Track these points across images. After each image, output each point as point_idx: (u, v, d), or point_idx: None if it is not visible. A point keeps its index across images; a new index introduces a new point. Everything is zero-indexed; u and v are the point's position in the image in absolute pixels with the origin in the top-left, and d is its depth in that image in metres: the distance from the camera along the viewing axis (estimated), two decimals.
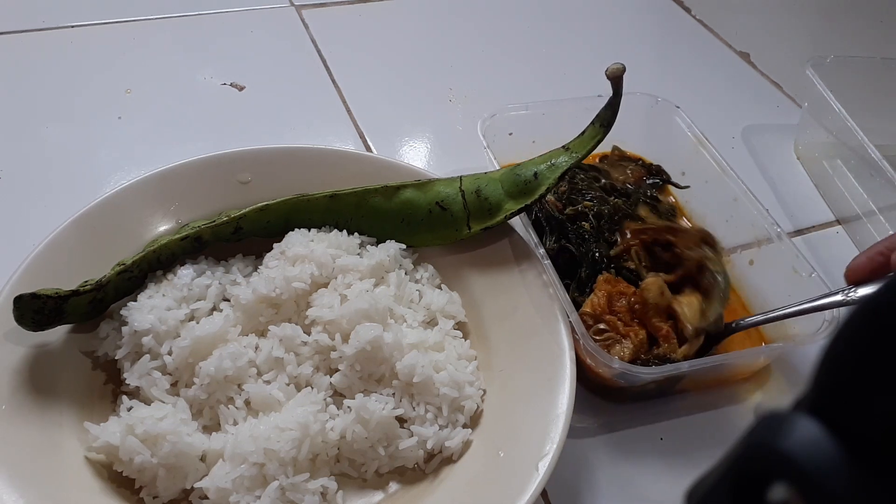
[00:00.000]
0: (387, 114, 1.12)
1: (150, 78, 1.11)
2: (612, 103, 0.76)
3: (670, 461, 0.74)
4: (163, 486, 0.62)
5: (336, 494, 0.65)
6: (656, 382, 0.76)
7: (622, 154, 0.99)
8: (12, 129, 1.00)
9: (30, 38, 1.13)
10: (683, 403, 0.79)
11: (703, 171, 0.92)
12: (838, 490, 0.28)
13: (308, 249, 0.74)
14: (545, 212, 0.83)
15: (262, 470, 0.62)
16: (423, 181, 0.81)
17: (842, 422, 0.29)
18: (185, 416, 0.65)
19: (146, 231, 0.76)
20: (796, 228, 1.02)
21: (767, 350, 0.80)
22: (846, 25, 1.28)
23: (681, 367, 0.71)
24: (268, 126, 1.07)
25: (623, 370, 0.69)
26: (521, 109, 0.94)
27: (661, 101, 0.97)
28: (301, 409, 0.65)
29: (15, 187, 0.92)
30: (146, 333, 0.67)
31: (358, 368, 0.69)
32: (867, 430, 0.28)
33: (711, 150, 0.92)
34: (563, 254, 0.81)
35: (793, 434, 0.29)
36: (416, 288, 0.78)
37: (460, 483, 0.66)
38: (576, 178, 0.89)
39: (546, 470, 0.62)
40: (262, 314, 0.71)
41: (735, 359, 0.76)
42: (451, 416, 0.69)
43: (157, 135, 1.02)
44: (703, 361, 0.73)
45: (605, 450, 0.74)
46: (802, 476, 0.28)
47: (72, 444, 0.63)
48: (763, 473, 0.30)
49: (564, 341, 0.70)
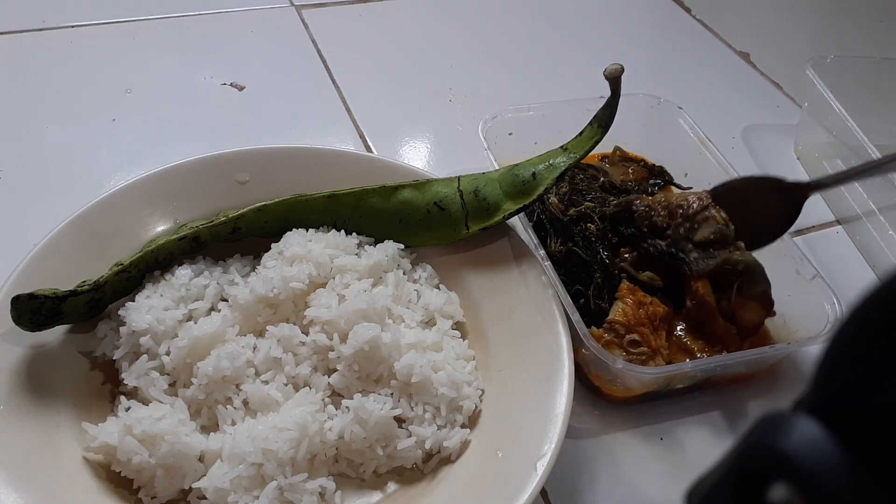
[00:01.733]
0: (387, 114, 1.12)
1: (150, 78, 1.11)
2: (610, 104, 0.76)
3: (671, 462, 0.74)
4: (161, 486, 0.62)
5: (334, 494, 0.65)
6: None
7: (624, 154, 0.99)
8: (12, 129, 1.00)
9: (30, 38, 1.14)
10: (683, 405, 0.78)
11: (706, 172, 0.91)
12: (838, 490, 0.28)
13: (306, 249, 0.74)
14: (548, 214, 0.83)
15: (261, 470, 0.62)
16: (421, 181, 0.81)
17: (842, 422, 0.29)
18: (183, 417, 0.65)
19: (144, 231, 0.76)
20: (796, 228, 1.01)
21: (773, 350, 0.79)
22: (846, 25, 1.28)
23: (683, 367, 0.71)
24: (268, 126, 1.07)
25: (626, 370, 0.69)
26: (522, 111, 0.94)
27: (664, 101, 0.97)
28: (299, 410, 0.65)
29: (15, 187, 0.92)
30: (144, 333, 0.67)
31: (356, 368, 0.69)
32: (867, 430, 0.28)
33: (714, 150, 0.91)
34: (570, 257, 0.80)
35: (793, 434, 0.29)
36: (415, 288, 0.78)
37: (458, 483, 0.66)
38: (576, 178, 0.89)
39: (544, 470, 0.62)
40: (260, 314, 0.71)
41: (740, 358, 0.75)
42: (450, 416, 0.69)
43: (157, 135, 1.02)
44: (706, 361, 0.73)
45: (606, 450, 0.74)
46: (802, 476, 0.28)
47: (70, 445, 0.63)
48: (763, 473, 0.30)
49: (563, 341, 0.70)
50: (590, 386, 0.77)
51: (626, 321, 0.74)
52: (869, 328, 0.29)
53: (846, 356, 0.30)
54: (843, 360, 0.30)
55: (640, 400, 0.77)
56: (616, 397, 0.76)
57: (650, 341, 0.74)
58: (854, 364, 0.30)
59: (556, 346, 0.70)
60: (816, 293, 0.77)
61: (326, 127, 1.09)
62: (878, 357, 0.29)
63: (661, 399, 0.78)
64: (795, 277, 0.80)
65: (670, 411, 0.78)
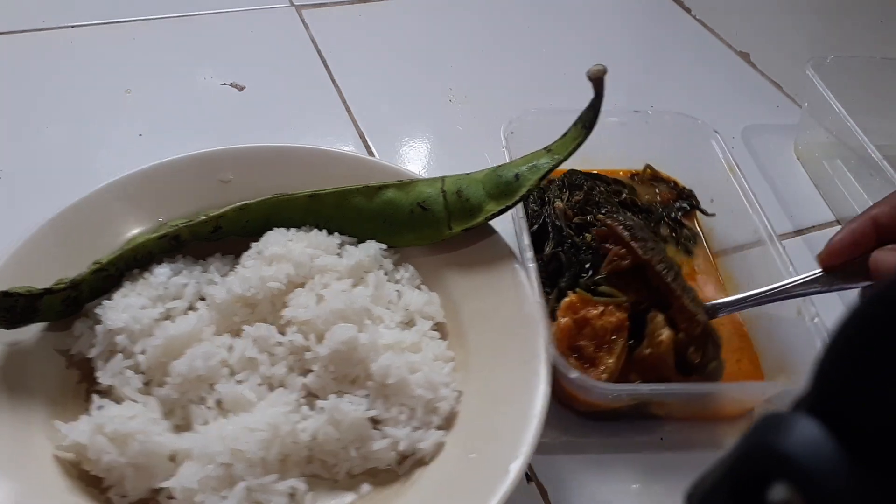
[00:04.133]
0: (387, 114, 1.12)
1: (150, 78, 1.12)
2: (593, 104, 0.75)
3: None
4: (131, 485, 0.62)
5: (305, 495, 0.65)
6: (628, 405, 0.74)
7: (655, 173, 0.97)
8: (12, 129, 1.01)
9: (30, 38, 1.14)
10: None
11: (731, 200, 0.88)
12: (838, 490, 0.28)
13: (285, 249, 0.74)
14: (552, 218, 0.82)
15: (230, 470, 0.61)
16: (405, 181, 0.80)
17: (842, 422, 0.29)
18: (155, 416, 0.65)
19: (126, 230, 0.77)
20: (796, 228, 1.01)
21: (750, 388, 0.75)
22: (846, 25, 1.27)
23: (640, 389, 0.69)
24: (268, 126, 1.07)
25: (580, 383, 0.67)
26: (543, 114, 0.89)
27: (700, 123, 0.94)
28: (272, 410, 0.65)
29: (15, 187, 0.93)
30: (119, 332, 0.67)
31: (332, 369, 0.68)
32: (867, 430, 0.28)
33: (742, 180, 0.88)
34: (554, 261, 0.80)
35: (793, 434, 0.29)
36: (396, 288, 0.77)
37: (431, 485, 0.65)
38: (595, 188, 0.87)
39: (517, 472, 0.61)
40: (237, 314, 0.71)
41: (711, 390, 0.72)
42: (425, 417, 0.69)
43: (157, 135, 1.03)
44: (669, 387, 0.70)
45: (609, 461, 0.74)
46: (802, 476, 0.28)
47: (42, 443, 0.63)
48: (763, 473, 0.30)
49: (541, 343, 0.69)
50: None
51: (564, 339, 0.71)
52: (869, 328, 0.29)
53: (846, 356, 0.30)
54: (842, 359, 0.30)
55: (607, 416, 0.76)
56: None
57: (593, 359, 0.71)
58: (854, 364, 0.30)
59: (535, 348, 0.70)
60: (817, 337, 0.72)
61: (326, 127, 1.09)
62: (877, 357, 0.29)
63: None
64: (796, 318, 0.76)
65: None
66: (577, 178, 0.88)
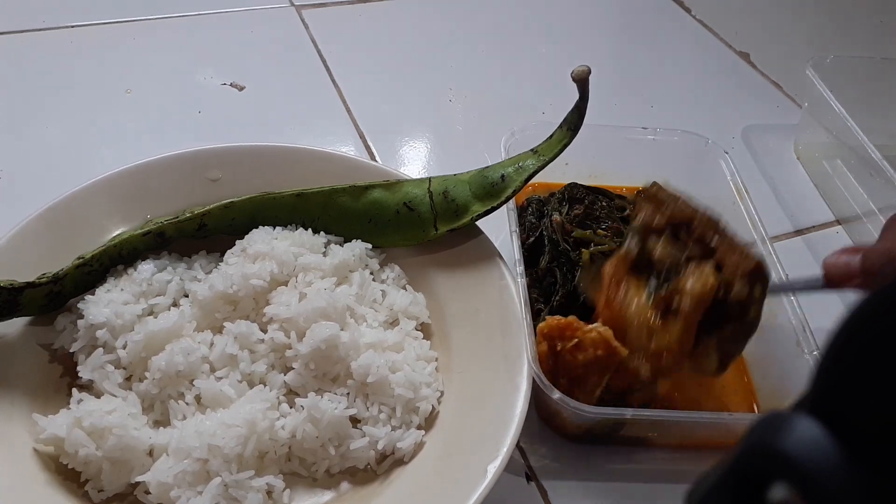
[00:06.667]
0: (387, 114, 1.12)
1: (150, 78, 1.12)
2: (578, 106, 0.76)
3: None
4: (108, 479, 0.62)
5: (283, 493, 0.65)
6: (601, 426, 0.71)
7: (661, 191, 0.95)
8: (12, 129, 1.01)
9: (30, 38, 1.15)
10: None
11: (736, 224, 0.85)
12: (838, 490, 0.28)
13: (269, 247, 0.74)
14: (549, 232, 0.81)
15: (206, 466, 0.62)
16: (391, 181, 0.80)
17: (842, 422, 0.29)
18: (134, 411, 0.65)
19: (113, 227, 0.77)
20: (796, 228, 1.00)
21: (740, 418, 0.71)
22: (846, 25, 1.26)
23: (624, 413, 0.66)
24: (268, 126, 1.07)
25: (561, 403, 0.65)
26: (543, 127, 0.86)
27: (711, 143, 0.93)
28: (249, 407, 0.65)
29: (15, 187, 0.93)
30: (101, 327, 0.67)
31: (312, 367, 0.68)
32: (867, 431, 0.28)
33: (749, 204, 0.86)
34: (549, 276, 0.78)
35: (793, 434, 0.29)
36: (381, 288, 0.77)
37: (409, 484, 0.65)
38: (596, 203, 0.85)
39: (495, 473, 0.61)
40: (219, 311, 0.71)
41: (696, 418, 0.69)
42: (405, 417, 0.69)
43: (157, 135, 1.03)
44: (653, 413, 0.68)
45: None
46: (802, 476, 0.29)
47: (21, 436, 0.63)
48: (763, 473, 0.30)
49: (524, 345, 0.69)
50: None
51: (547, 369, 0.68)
52: (869, 329, 0.29)
53: (846, 356, 0.30)
54: (843, 360, 0.30)
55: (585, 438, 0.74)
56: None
57: (572, 391, 0.67)
58: (854, 364, 0.30)
59: (518, 349, 0.69)
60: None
61: (326, 127, 1.09)
62: (877, 357, 0.29)
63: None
64: (795, 350, 0.75)
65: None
66: (579, 192, 0.85)
